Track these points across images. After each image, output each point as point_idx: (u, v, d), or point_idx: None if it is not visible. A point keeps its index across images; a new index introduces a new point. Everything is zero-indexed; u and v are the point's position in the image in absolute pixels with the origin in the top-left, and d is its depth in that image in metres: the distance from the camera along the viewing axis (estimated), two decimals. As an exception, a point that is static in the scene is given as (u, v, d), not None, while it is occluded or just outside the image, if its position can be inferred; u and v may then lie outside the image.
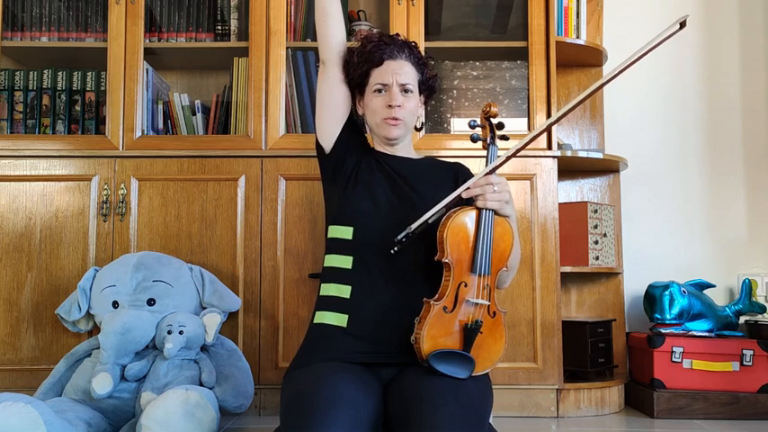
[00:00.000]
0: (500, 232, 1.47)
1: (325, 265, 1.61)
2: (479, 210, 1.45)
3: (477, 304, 1.41)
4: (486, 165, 1.50)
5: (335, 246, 1.58)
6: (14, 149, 2.38)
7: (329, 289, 1.56)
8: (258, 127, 2.39)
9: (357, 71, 1.64)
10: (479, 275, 1.42)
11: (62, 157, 2.37)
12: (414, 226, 1.44)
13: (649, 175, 2.83)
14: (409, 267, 1.52)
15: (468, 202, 1.49)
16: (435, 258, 1.44)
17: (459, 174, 1.70)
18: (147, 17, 2.47)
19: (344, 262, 1.55)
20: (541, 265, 2.33)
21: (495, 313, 1.45)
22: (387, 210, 1.57)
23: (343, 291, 1.53)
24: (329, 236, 1.61)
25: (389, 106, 1.61)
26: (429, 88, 1.72)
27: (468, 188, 1.45)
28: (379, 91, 1.63)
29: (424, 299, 1.42)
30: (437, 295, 1.42)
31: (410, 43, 1.69)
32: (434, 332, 1.38)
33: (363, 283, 1.52)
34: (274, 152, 2.37)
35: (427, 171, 1.68)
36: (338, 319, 1.52)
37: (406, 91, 1.63)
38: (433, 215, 1.45)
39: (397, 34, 1.71)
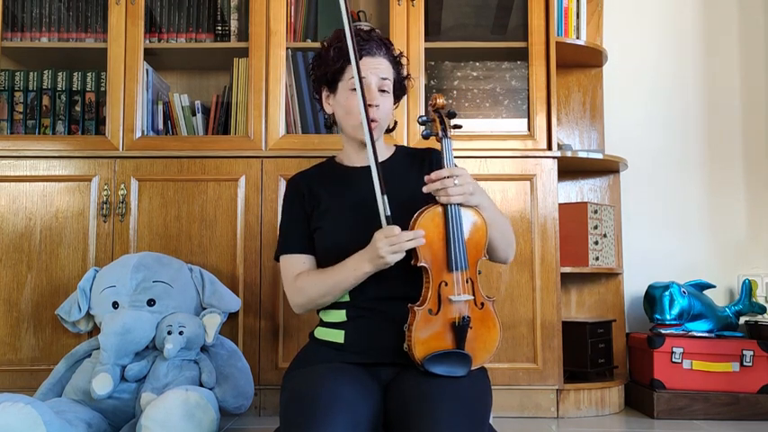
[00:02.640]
0: (471, 224, 1.43)
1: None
2: (445, 206, 1.40)
3: (461, 301, 1.40)
4: (443, 159, 1.44)
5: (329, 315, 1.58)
6: (14, 150, 2.38)
7: (327, 315, 1.58)
8: (258, 127, 2.39)
9: (332, 67, 1.57)
10: (458, 271, 1.40)
11: (62, 157, 2.37)
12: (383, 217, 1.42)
13: (649, 175, 2.83)
14: (400, 280, 1.47)
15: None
16: (411, 264, 1.41)
17: (425, 159, 1.64)
18: (146, 17, 2.47)
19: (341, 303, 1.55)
20: (541, 265, 2.33)
21: (482, 304, 1.43)
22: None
23: (340, 315, 1.54)
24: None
25: (368, 105, 1.52)
26: (402, 89, 1.67)
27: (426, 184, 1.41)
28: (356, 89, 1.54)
29: (409, 305, 1.39)
30: (420, 300, 1.40)
31: (386, 41, 1.62)
32: (424, 336, 1.37)
33: (358, 309, 1.51)
34: (274, 152, 2.37)
35: (396, 168, 1.61)
36: (335, 336, 1.52)
37: (383, 90, 1.57)
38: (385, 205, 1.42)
39: (373, 30, 1.63)
